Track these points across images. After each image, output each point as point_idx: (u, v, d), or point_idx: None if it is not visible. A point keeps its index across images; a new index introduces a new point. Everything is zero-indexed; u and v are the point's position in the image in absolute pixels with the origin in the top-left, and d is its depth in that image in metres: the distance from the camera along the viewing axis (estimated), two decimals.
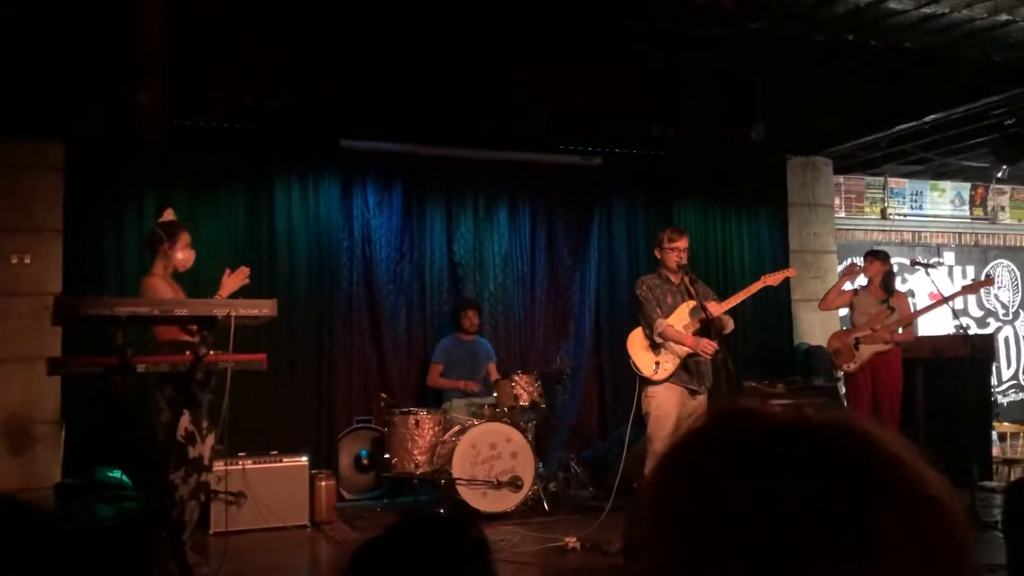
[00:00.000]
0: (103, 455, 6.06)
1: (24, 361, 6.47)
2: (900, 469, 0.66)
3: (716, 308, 5.44)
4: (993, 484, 7.08)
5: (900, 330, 6.86)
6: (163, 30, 3.55)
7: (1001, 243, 10.96)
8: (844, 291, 7.10)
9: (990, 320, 10.74)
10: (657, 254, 5.69)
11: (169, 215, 5.12)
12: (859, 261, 7.67)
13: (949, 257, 10.62)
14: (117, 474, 5.96)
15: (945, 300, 6.74)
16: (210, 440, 4.78)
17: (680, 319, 5.52)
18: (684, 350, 5.44)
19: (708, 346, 5.33)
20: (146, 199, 6.88)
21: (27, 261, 6.65)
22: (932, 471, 0.68)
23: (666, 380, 5.46)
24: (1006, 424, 8.85)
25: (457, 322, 7.51)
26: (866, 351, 6.82)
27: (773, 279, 5.82)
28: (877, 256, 7.08)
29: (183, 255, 4.95)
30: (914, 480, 0.66)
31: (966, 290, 7.46)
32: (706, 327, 5.44)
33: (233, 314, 4.24)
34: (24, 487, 6.34)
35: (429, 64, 6.62)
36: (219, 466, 5.95)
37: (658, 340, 5.48)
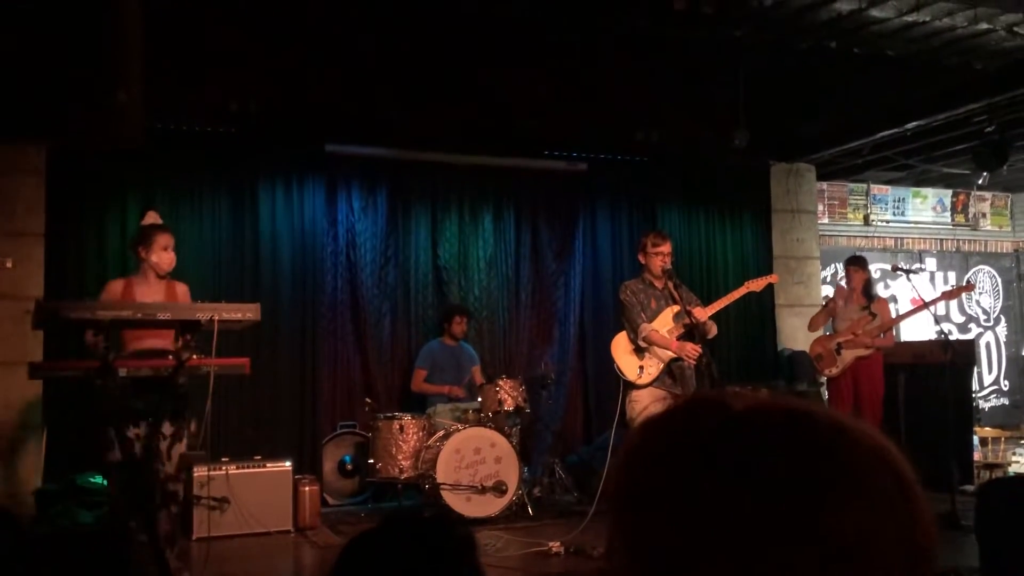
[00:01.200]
0: (84, 461, 6.01)
1: (5, 366, 6.42)
2: (841, 432, 0.68)
3: (700, 313, 5.46)
4: (973, 488, 7.13)
5: (882, 335, 6.91)
6: (144, 31, 3.55)
7: (982, 249, 11.06)
8: (827, 300, 7.18)
9: (971, 326, 10.83)
10: (641, 259, 5.70)
11: (150, 218, 5.12)
12: (839, 267, 7.72)
13: (931, 263, 10.71)
14: (98, 480, 5.92)
15: (926, 305, 6.79)
16: (179, 448, 4.72)
17: (664, 324, 5.54)
18: (668, 354, 5.45)
19: (692, 350, 5.35)
20: (129, 203, 6.84)
21: (8, 265, 6.61)
22: (872, 431, 0.70)
23: (650, 384, 5.47)
24: (987, 429, 8.91)
25: (445, 328, 7.49)
26: (848, 356, 6.87)
27: (756, 285, 5.85)
28: (860, 265, 7.13)
29: (157, 258, 4.95)
30: (856, 438, 0.68)
31: (946, 296, 7.51)
32: (690, 332, 5.46)
33: (216, 318, 4.22)
34: (4, 493, 6.30)
35: (414, 69, 6.63)
36: (201, 471, 5.94)
37: (642, 344, 5.50)
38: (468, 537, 1.32)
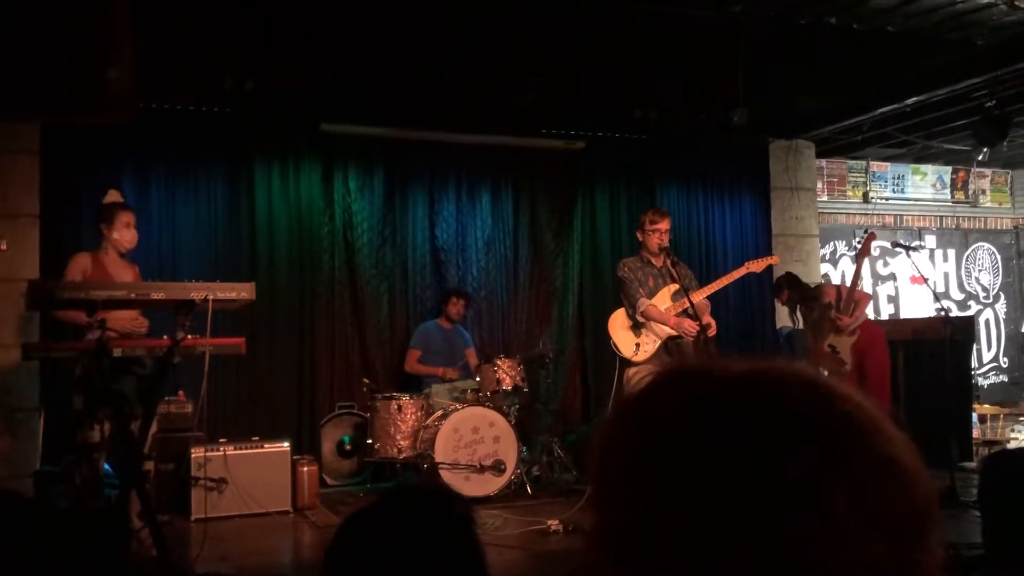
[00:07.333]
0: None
1: (1, 348, 6.40)
2: (856, 425, 0.63)
3: (696, 294, 5.45)
4: (973, 465, 7.13)
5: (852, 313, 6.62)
6: (137, 8, 3.51)
7: (981, 226, 11.03)
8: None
9: (971, 303, 10.81)
10: (639, 236, 5.68)
11: (111, 196, 5.21)
12: (838, 245, 7.65)
13: (930, 240, 10.68)
14: None
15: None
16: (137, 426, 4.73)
17: (662, 302, 5.52)
18: (666, 330, 5.43)
19: (690, 326, 5.32)
20: (124, 183, 6.79)
21: (3, 247, 6.57)
22: (893, 429, 0.64)
23: (646, 361, 5.45)
24: (986, 406, 8.92)
25: (443, 309, 7.46)
26: (844, 347, 6.65)
27: (756, 265, 5.82)
28: (775, 292, 7.12)
29: (119, 235, 5.09)
30: (871, 438, 0.63)
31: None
32: (685, 311, 5.43)
33: (211, 298, 4.20)
34: (4, 475, 6.28)
35: (411, 47, 6.57)
36: (199, 452, 5.94)
37: (640, 320, 5.48)
38: (466, 512, 1.31)
